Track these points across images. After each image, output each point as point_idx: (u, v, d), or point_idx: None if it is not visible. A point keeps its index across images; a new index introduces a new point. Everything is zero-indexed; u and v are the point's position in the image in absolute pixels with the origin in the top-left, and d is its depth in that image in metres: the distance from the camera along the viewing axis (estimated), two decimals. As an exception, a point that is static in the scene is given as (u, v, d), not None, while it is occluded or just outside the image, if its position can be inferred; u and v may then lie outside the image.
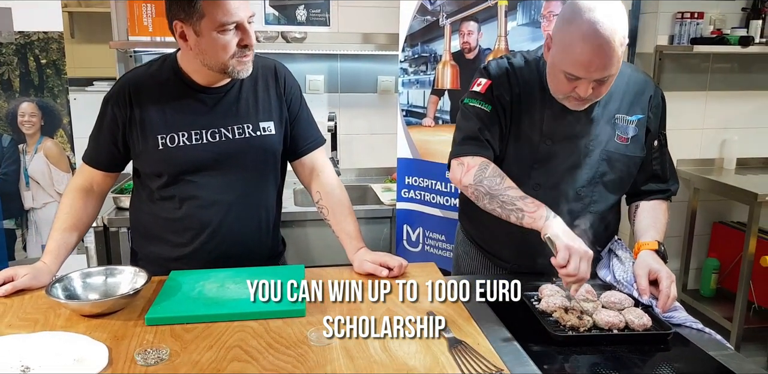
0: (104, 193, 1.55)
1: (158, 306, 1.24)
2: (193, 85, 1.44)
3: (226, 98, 1.46)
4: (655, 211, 1.51)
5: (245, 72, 1.39)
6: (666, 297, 1.30)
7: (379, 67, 2.87)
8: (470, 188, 1.43)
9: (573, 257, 1.23)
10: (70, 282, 1.29)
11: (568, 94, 1.35)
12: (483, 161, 1.43)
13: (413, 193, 2.35)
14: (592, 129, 1.44)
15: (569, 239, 1.26)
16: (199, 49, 1.35)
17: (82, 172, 1.52)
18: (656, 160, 1.51)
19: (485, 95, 1.46)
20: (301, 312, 1.25)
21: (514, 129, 1.46)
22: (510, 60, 1.48)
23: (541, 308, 1.31)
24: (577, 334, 1.21)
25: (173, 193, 1.46)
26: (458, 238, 1.74)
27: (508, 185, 1.38)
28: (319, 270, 1.52)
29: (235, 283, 1.36)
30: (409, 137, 2.31)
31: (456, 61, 2.13)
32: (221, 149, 1.44)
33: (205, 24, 1.31)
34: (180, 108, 1.43)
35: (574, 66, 1.28)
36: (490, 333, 1.22)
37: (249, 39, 1.35)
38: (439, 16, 2.12)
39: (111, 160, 1.49)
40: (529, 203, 1.34)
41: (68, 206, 1.47)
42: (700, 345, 1.22)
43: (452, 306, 1.31)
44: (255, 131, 1.47)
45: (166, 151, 1.42)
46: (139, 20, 2.50)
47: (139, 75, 1.47)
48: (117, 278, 1.32)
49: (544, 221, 1.31)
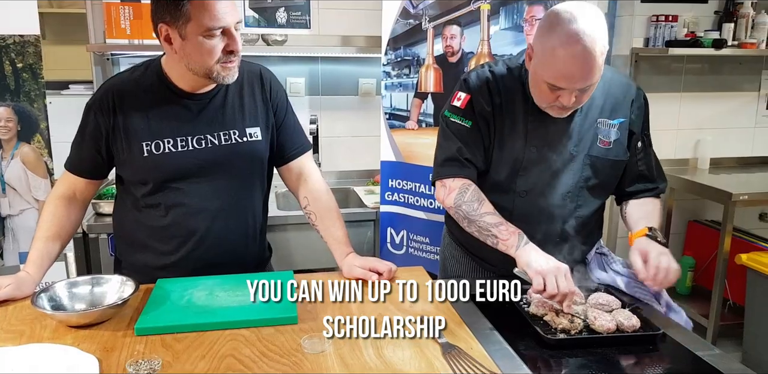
0: (87, 201, 1.52)
1: (147, 316, 1.22)
2: (177, 92, 1.42)
3: (212, 104, 1.45)
4: (644, 205, 1.52)
5: (230, 78, 1.37)
6: (654, 268, 1.32)
7: (361, 70, 2.86)
8: (451, 210, 1.47)
9: (547, 278, 1.26)
10: (56, 292, 1.26)
11: (552, 103, 1.35)
12: (463, 183, 1.45)
13: (397, 196, 2.35)
14: (575, 135, 1.45)
15: (539, 263, 1.29)
16: (183, 53, 1.33)
17: (64, 180, 1.49)
18: (641, 160, 1.52)
19: (465, 111, 1.46)
20: (293, 319, 1.24)
21: (498, 137, 1.47)
22: (491, 68, 1.48)
23: (531, 311, 1.33)
24: (569, 337, 1.23)
25: (159, 201, 1.44)
26: (444, 241, 1.74)
27: (485, 210, 1.40)
28: (307, 276, 1.51)
29: (225, 291, 1.34)
30: (393, 139, 2.31)
31: (439, 65, 2.13)
32: (207, 156, 1.42)
33: (191, 28, 1.28)
34: (165, 115, 1.41)
35: (556, 77, 1.28)
36: (482, 337, 1.22)
37: (235, 45, 1.33)
38: (422, 19, 2.13)
39: (94, 167, 1.46)
40: (503, 231, 1.37)
41: (50, 214, 1.44)
42: (687, 345, 1.24)
43: (443, 310, 1.32)
44: (241, 137, 1.45)
45: (151, 158, 1.40)
46: (117, 23, 2.46)
47: (123, 81, 1.44)
48: (103, 288, 1.30)
49: (515, 250, 1.34)
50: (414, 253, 2.37)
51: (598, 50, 1.24)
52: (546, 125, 1.44)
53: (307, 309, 1.31)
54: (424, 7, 2.10)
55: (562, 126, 1.44)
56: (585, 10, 1.26)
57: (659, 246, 1.37)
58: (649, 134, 1.54)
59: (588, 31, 1.23)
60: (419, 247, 2.35)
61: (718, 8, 3.11)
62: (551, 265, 1.28)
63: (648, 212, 1.50)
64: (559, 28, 1.24)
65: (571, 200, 1.49)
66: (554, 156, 1.46)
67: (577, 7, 1.26)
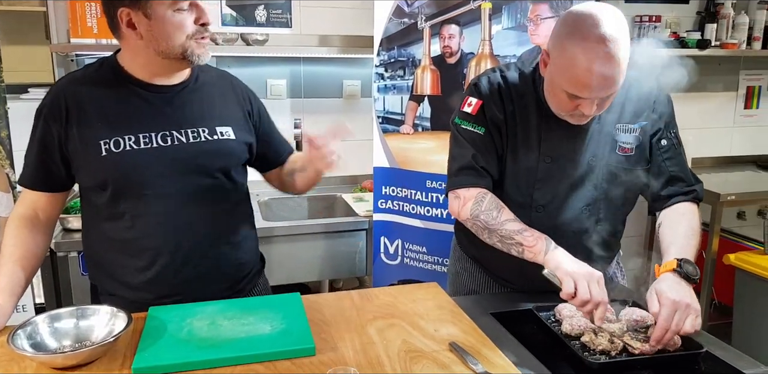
0: (52, 220, 1.35)
1: (145, 353, 1.07)
2: (138, 83, 1.28)
3: (177, 98, 1.31)
4: (678, 223, 1.34)
5: (205, 56, 1.26)
6: (661, 330, 1.13)
7: (345, 71, 2.74)
8: (468, 222, 1.37)
9: (579, 282, 1.16)
10: (36, 328, 1.10)
11: (571, 112, 1.26)
12: (479, 192, 1.35)
13: (391, 203, 2.24)
14: (592, 144, 1.35)
15: (570, 265, 1.19)
16: (152, 36, 1.21)
17: (23, 198, 1.33)
18: (670, 160, 1.38)
19: (477, 117, 1.36)
20: (311, 350, 1.11)
21: (511, 148, 1.37)
22: (503, 73, 1.38)
23: (565, 331, 1.23)
24: (612, 360, 1.13)
25: (122, 209, 1.28)
26: (455, 254, 1.64)
27: (506, 218, 1.30)
28: (315, 297, 1.39)
29: (228, 319, 1.20)
30: (386, 144, 2.19)
31: (436, 66, 2.03)
32: (174, 155, 1.27)
33: (156, 5, 1.19)
34: (124, 109, 1.27)
35: (576, 87, 1.18)
36: (519, 362, 1.12)
37: (206, 17, 1.24)
38: (418, 18, 2.02)
39: (52, 179, 1.30)
40: (528, 237, 1.26)
41: (14, 237, 1.27)
42: (732, 363, 1.17)
43: (473, 334, 1.21)
44: (211, 134, 1.31)
45: (111, 157, 1.24)
46: (82, 21, 2.27)
47: (74, 80, 1.30)
48: (90, 321, 1.14)
49: (544, 255, 1.23)
50: (410, 263, 2.26)
51: (622, 56, 1.14)
52: (561, 135, 1.34)
53: (321, 337, 1.18)
54: (419, 5, 1.99)
55: (577, 135, 1.35)
56: (606, 11, 1.15)
57: (683, 291, 1.18)
58: (678, 133, 1.41)
59: (612, 36, 1.12)
60: (415, 257, 2.24)
61: (700, 9, 3.11)
62: (584, 269, 1.18)
63: (682, 234, 1.31)
64: (580, 33, 1.13)
65: (591, 214, 1.39)
66: (571, 167, 1.36)
67: (597, 8, 1.16)
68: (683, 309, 1.15)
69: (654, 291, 1.20)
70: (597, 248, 1.42)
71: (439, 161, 2.09)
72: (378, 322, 1.26)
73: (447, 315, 1.30)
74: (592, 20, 1.13)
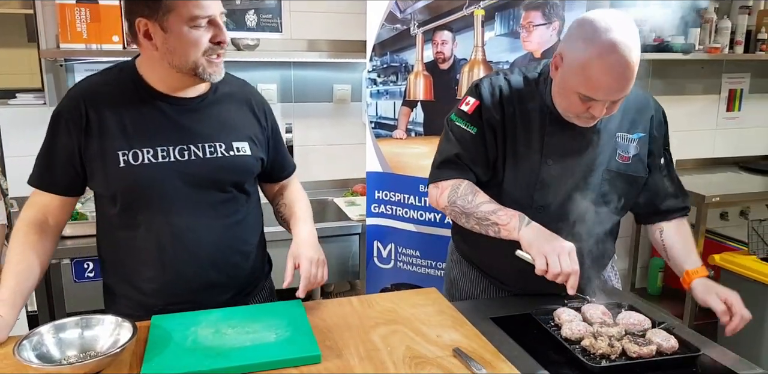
0: (60, 227, 1.34)
1: (152, 363, 1.07)
2: (156, 95, 1.28)
3: (195, 111, 1.31)
4: (683, 234, 1.49)
5: (217, 75, 1.26)
6: (740, 317, 1.33)
7: (335, 76, 2.74)
8: (447, 209, 1.41)
9: (549, 257, 1.21)
10: (41, 339, 1.09)
11: (581, 114, 1.29)
12: (456, 181, 1.39)
13: (384, 208, 2.25)
14: (593, 147, 1.39)
15: (540, 243, 1.24)
16: (166, 48, 1.21)
17: (34, 201, 1.31)
18: (666, 177, 1.48)
19: (472, 116, 1.40)
20: (317, 358, 1.12)
21: (511, 150, 1.40)
22: (507, 77, 1.42)
23: (565, 335, 1.25)
24: (614, 363, 1.16)
25: (138, 219, 1.29)
26: (452, 258, 1.65)
27: (481, 200, 1.35)
28: (315, 304, 1.40)
29: (232, 327, 1.21)
30: (379, 149, 2.20)
31: (429, 72, 2.04)
32: (190, 170, 1.28)
33: (174, 18, 1.18)
34: (143, 121, 1.27)
35: (590, 89, 1.22)
36: (522, 366, 1.14)
37: (223, 35, 1.22)
38: (410, 24, 2.03)
39: (68, 182, 1.29)
40: (502, 216, 1.31)
41: (21, 244, 1.26)
42: (727, 364, 1.20)
43: (475, 339, 1.22)
44: (228, 150, 1.32)
45: (128, 169, 1.24)
46: (72, 26, 2.25)
47: (94, 84, 1.29)
48: (95, 330, 1.14)
49: (517, 232, 1.28)
50: (403, 267, 2.27)
51: (635, 60, 1.19)
52: (563, 138, 1.38)
53: (326, 344, 1.19)
54: (412, 11, 2.01)
55: (579, 139, 1.38)
56: (619, 18, 1.20)
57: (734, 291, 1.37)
58: (670, 150, 1.50)
59: (625, 41, 1.17)
60: (408, 261, 2.25)
61: (683, 13, 3.16)
62: (554, 244, 1.23)
63: (690, 242, 1.49)
64: (595, 38, 1.18)
65: (590, 217, 1.42)
66: (572, 170, 1.39)
67: (610, 15, 1.21)
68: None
69: (715, 294, 1.36)
70: (595, 250, 1.45)
71: (433, 165, 2.11)
72: (381, 328, 1.27)
73: (448, 321, 1.31)
74: (605, 25, 1.19)
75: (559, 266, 1.20)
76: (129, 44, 2.33)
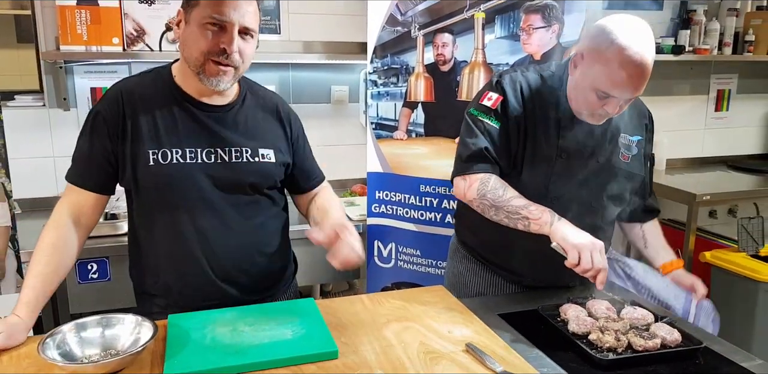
0: (90, 228, 1.36)
1: (174, 360, 1.09)
2: (188, 99, 1.33)
3: (223, 118, 1.35)
4: (658, 233, 1.66)
5: (221, 84, 1.28)
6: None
7: (333, 77, 2.77)
8: (475, 202, 1.45)
9: (583, 252, 1.27)
10: (64, 338, 1.11)
11: (595, 111, 1.36)
12: (484, 174, 1.44)
13: (385, 208, 2.28)
14: (602, 144, 1.47)
15: (575, 237, 1.29)
16: (182, 39, 1.28)
17: (69, 199, 1.32)
18: (648, 177, 1.61)
19: (495, 111, 1.45)
20: (335, 354, 1.15)
21: (530, 144, 1.45)
22: (524, 74, 1.48)
23: (572, 330, 1.29)
24: (620, 356, 1.20)
25: (164, 218, 1.32)
26: (456, 255, 1.69)
27: (511, 195, 1.40)
28: (327, 302, 1.43)
29: (248, 325, 1.23)
30: (379, 150, 2.23)
31: (430, 74, 2.08)
32: (216, 172, 1.32)
33: (196, 13, 1.24)
34: (173, 123, 1.31)
35: (611, 86, 1.29)
36: (532, 360, 1.18)
37: (229, 44, 1.24)
38: (411, 27, 2.06)
39: (105, 179, 1.32)
40: (533, 211, 1.36)
41: (51, 246, 1.27)
42: (728, 356, 1.24)
43: (486, 335, 1.26)
44: (253, 156, 1.36)
45: (156, 167, 1.28)
46: (72, 28, 2.25)
47: (131, 85, 1.34)
48: (115, 329, 1.16)
49: (549, 226, 1.34)
50: (403, 266, 2.30)
51: (650, 62, 1.27)
52: (576, 134, 1.45)
53: (342, 340, 1.22)
54: (413, 14, 2.04)
55: (590, 136, 1.46)
56: (635, 23, 1.29)
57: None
58: (654, 154, 1.61)
59: (643, 44, 1.26)
60: (409, 260, 2.28)
61: (674, 16, 3.23)
62: (587, 240, 1.29)
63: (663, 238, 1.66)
64: (617, 41, 1.26)
65: (596, 208, 1.50)
66: (582, 165, 1.47)
67: (628, 20, 1.29)
68: None
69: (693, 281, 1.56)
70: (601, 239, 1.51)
71: (433, 166, 2.15)
72: (393, 325, 1.30)
73: (458, 317, 1.35)
74: (627, 29, 1.26)
75: (591, 263, 1.26)
76: (129, 46, 2.34)
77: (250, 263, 1.39)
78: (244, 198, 1.36)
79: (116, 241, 2.07)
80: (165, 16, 2.37)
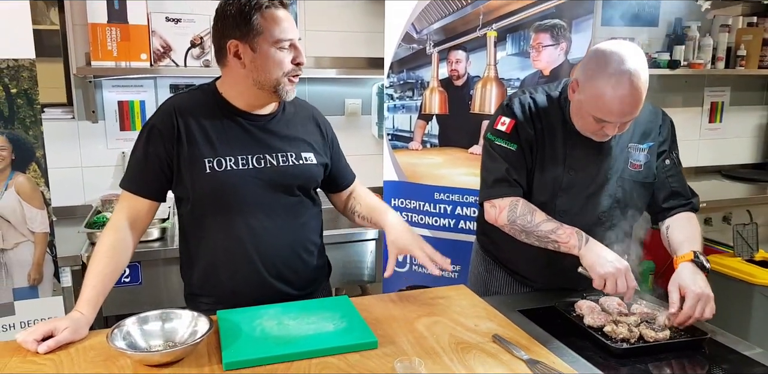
0: (142, 231, 1.48)
1: (231, 350, 1.20)
2: (236, 111, 1.45)
3: (268, 126, 1.47)
4: (683, 225, 1.56)
5: (292, 94, 1.42)
6: (685, 316, 1.36)
7: (347, 91, 2.90)
8: (506, 227, 1.55)
9: (608, 281, 1.38)
10: (129, 330, 1.22)
11: (596, 132, 1.46)
12: (512, 200, 1.53)
13: (401, 214, 2.39)
14: (609, 159, 1.56)
15: (602, 265, 1.38)
16: (254, 66, 1.37)
17: (125, 205, 1.44)
18: (672, 178, 1.60)
19: (510, 135, 1.55)
20: (375, 344, 1.26)
21: (539, 161, 1.56)
22: (532, 95, 1.58)
23: (588, 323, 1.41)
24: (633, 346, 1.32)
25: (218, 220, 1.44)
26: (477, 258, 1.81)
27: (540, 219, 1.49)
28: (360, 300, 1.53)
29: (293, 319, 1.34)
30: (395, 160, 2.35)
31: (444, 88, 2.21)
32: (266, 176, 1.44)
33: (262, 40, 1.34)
34: (225, 133, 1.43)
35: (604, 113, 1.38)
36: (553, 350, 1.29)
37: (302, 57, 1.40)
38: (426, 44, 2.20)
39: (159, 188, 1.44)
40: (562, 235, 1.46)
41: (110, 248, 1.38)
42: (731, 345, 1.36)
43: (510, 328, 1.37)
44: (297, 159, 1.48)
45: (213, 174, 1.40)
46: (103, 44, 2.38)
47: (183, 100, 1.46)
48: (173, 324, 1.26)
49: (578, 250, 1.43)
50: (417, 270, 2.41)
51: (643, 87, 1.35)
52: (583, 151, 1.54)
53: (378, 333, 1.32)
54: (428, 32, 2.18)
55: (597, 151, 1.55)
56: (629, 49, 1.36)
57: (700, 287, 1.38)
58: (678, 154, 1.65)
59: (636, 71, 1.33)
60: (423, 264, 2.39)
61: (669, 31, 3.38)
62: (613, 267, 1.38)
63: (692, 235, 1.52)
64: (609, 69, 1.34)
65: (606, 220, 1.58)
66: (590, 179, 1.55)
67: (622, 46, 1.37)
68: (704, 300, 1.38)
69: (677, 284, 1.41)
70: None
71: (447, 174, 2.27)
72: (423, 319, 1.41)
73: (482, 312, 1.46)
74: (619, 57, 1.34)
75: (616, 289, 1.37)
76: (156, 62, 2.46)
77: (298, 261, 1.51)
78: (291, 199, 1.49)
79: (147, 247, 2.17)
80: (190, 33, 2.50)
